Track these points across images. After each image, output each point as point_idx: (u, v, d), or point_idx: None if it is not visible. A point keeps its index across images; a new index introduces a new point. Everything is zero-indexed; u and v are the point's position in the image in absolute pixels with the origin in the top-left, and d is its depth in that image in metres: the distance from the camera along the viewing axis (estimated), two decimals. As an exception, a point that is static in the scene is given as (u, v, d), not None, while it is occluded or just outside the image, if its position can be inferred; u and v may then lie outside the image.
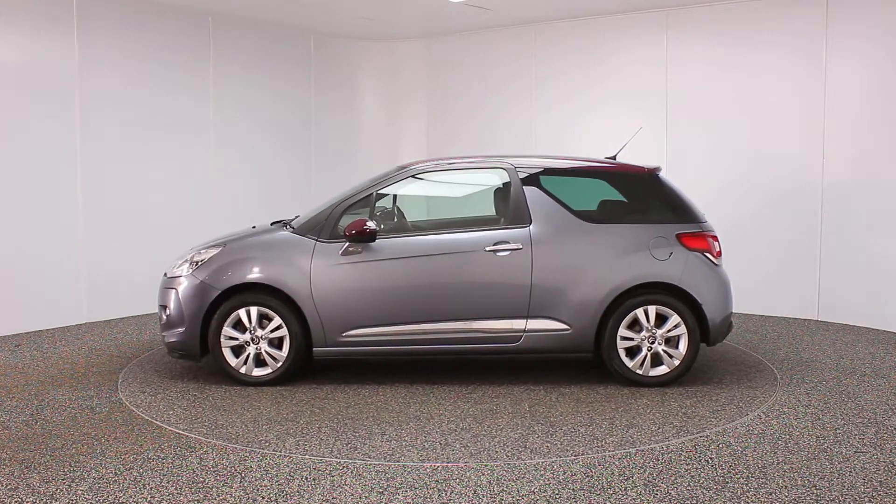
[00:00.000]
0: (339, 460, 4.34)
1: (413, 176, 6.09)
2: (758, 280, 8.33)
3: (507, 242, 5.71)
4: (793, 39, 8.12)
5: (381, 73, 11.05)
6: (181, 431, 4.82)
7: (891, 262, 7.56)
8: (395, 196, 6.43)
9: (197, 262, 5.87)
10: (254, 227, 6.53)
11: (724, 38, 8.50)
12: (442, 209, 7.49)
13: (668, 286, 5.71)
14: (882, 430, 4.82)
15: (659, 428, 4.86)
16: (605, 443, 4.61)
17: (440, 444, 4.61)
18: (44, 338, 7.42)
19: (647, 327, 5.68)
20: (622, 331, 5.70)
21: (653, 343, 5.70)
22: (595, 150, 7.67)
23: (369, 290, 5.74)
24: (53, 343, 7.22)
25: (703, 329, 5.75)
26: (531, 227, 5.75)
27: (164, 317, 5.90)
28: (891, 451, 4.45)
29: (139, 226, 8.48)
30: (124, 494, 3.88)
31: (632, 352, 5.74)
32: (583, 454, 4.42)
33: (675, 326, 5.68)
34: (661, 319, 5.71)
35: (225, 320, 5.75)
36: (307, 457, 4.39)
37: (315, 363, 6.17)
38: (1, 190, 7.43)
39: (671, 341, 5.73)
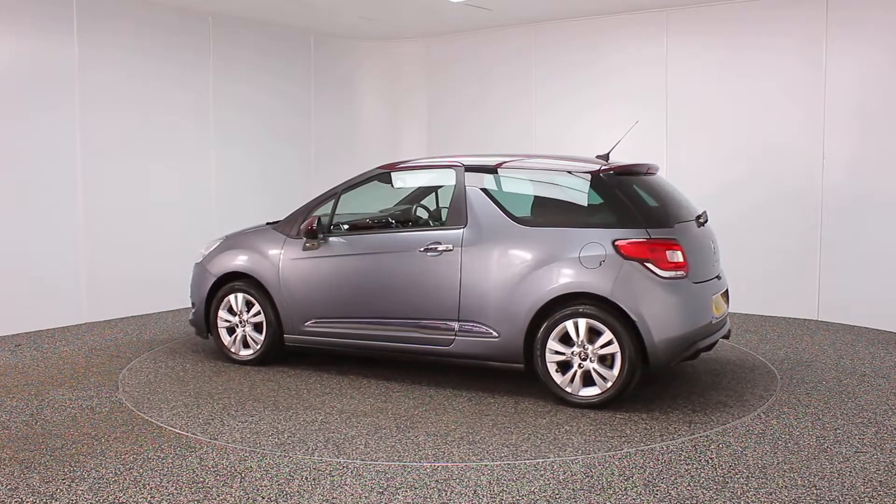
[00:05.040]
0: (339, 460, 4.35)
1: (377, 177, 6.17)
2: (758, 280, 8.33)
3: (440, 243, 5.65)
4: (793, 39, 8.12)
5: (381, 73, 11.04)
6: (181, 431, 4.82)
7: (891, 262, 7.56)
8: (437, 194, 6.57)
9: (205, 252, 6.73)
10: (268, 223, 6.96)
11: (724, 38, 8.50)
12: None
13: (599, 298, 5.14)
14: (882, 430, 4.82)
15: (497, 450, 4.47)
16: (422, 455, 4.39)
17: (273, 430, 4.81)
18: (44, 338, 7.41)
19: (577, 342, 5.18)
20: (553, 344, 5.23)
21: (584, 360, 5.19)
22: (594, 150, 7.65)
23: (321, 283, 6.07)
24: (53, 343, 7.22)
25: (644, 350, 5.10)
26: (465, 228, 5.60)
27: (190, 297, 6.78)
28: (891, 451, 4.45)
29: (139, 225, 8.47)
30: (124, 494, 3.89)
31: (565, 367, 5.26)
32: (397, 461, 4.31)
33: (609, 344, 5.11)
34: (597, 335, 5.17)
35: (220, 303, 6.46)
36: (307, 457, 4.39)
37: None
38: (1, 190, 7.43)
39: (607, 360, 5.16)
